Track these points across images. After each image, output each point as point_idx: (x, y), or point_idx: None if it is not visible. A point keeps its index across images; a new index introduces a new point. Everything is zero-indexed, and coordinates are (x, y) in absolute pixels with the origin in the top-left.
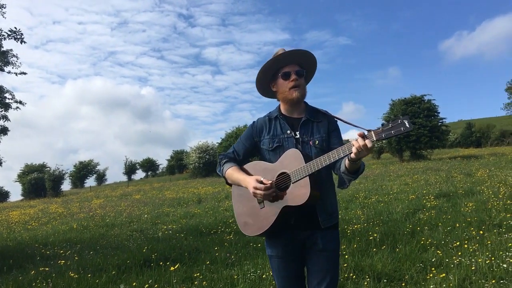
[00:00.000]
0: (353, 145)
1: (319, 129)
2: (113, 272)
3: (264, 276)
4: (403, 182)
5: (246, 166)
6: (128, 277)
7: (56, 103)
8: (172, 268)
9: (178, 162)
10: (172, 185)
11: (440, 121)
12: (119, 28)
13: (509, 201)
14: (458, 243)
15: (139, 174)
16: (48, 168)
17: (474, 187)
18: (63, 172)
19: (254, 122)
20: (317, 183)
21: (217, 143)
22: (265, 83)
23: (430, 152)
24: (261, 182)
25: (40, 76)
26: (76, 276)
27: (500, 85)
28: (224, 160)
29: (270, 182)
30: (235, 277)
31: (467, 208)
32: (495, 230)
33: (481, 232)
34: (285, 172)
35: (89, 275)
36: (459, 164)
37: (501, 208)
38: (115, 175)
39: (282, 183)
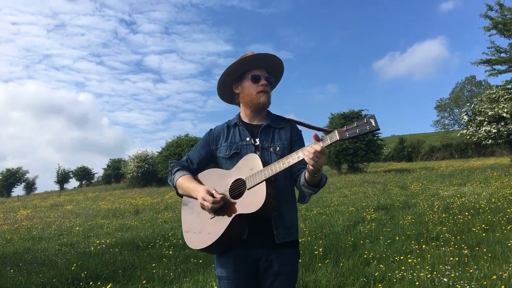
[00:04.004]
0: (307, 151)
1: (280, 136)
2: None
3: None
4: (342, 194)
5: (200, 174)
6: None
7: None
8: None
9: (115, 171)
10: (108, 195)
11: (376, 135)
12: (56, 30)
13: (444, 215)
14: (402, 257)
15: (73, 183)
16: None
17: (409, 199)
18: None
19: (211, 129)
20: (275, 192)
21: (157, 152)
22: (228, 84)
23: (366, 165)
24: (211, 195)
25: None
26: None
27: (429, 104)
28: (176, 169)
29: (220, 196)
30: None
31: (405, 221)
32: (433, 243)
33: (423, 246)
34: (240, 178)
35: None
36: (394, 177)
37: (437, 221)
38: (46, 184)
39: (236, 190)
